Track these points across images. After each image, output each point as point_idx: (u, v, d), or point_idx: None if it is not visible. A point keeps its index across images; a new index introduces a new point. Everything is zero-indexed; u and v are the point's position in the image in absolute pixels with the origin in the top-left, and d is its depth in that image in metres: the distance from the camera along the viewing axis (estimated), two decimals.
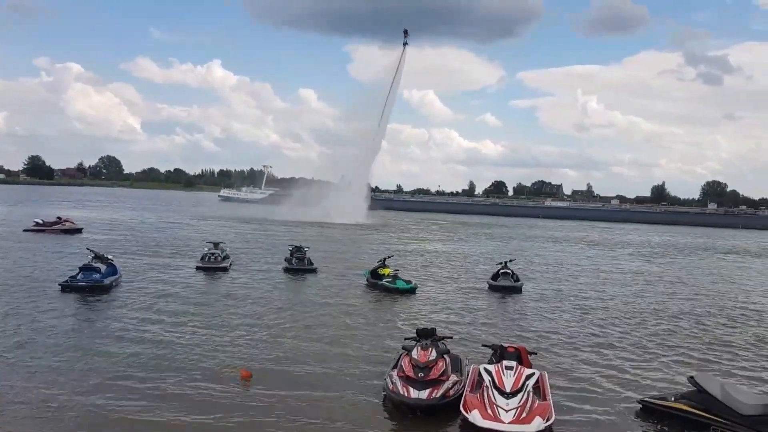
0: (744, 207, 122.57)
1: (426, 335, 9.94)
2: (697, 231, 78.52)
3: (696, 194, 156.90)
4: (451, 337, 11.09)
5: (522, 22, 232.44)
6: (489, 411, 8.30)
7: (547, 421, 8.17)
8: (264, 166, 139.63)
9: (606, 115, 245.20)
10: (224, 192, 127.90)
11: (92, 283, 16.77)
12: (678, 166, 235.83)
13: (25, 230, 35.05)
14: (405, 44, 69.59)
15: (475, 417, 8.22)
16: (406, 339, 10.39)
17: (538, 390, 9.00)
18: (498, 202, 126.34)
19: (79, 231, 36.07)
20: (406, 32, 69.98)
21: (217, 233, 38.06)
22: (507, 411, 8.25)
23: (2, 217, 46.03)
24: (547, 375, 9.80)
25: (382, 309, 17.07)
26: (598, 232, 67.30)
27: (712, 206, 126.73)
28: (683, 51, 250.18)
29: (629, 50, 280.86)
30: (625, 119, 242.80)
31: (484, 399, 8.53)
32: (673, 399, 9.19)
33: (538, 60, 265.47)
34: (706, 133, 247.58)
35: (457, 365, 9.94)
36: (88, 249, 19.97)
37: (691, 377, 9.28)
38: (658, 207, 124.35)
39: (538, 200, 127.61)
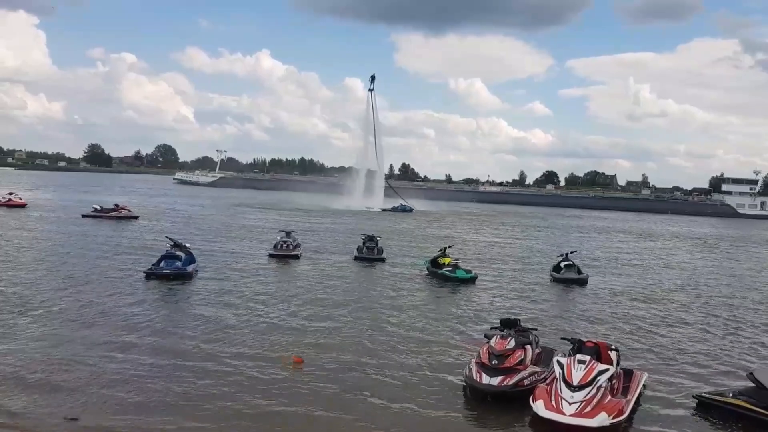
0: (678, 193, 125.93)
1: (509, 325, 10.21)
2: (633, 216, 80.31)
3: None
4: (536, 329, 11.00)
5: (570, 9, 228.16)
6: (553, 402, 8.42)
7: (614, 419, 8.23)
8: (217, 151, 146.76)
9: (659, 104, 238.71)
10: (179, 175, 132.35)
11: (176, 271, 17.81)
12: (736, 157, 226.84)
13: (84, 215, 36.78)
14: (371, 90, 68.64)
15: (538, 407, 8.43)
16: (491, 328, 10.64)
17: (627, 388, 9.24)
18: (435, 186, 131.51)
19: (135, 218, 37.50)
20: (372, 78, 68.97)
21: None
22: (570, 404, 8.33)
23: (61, 204, 48.40)
24: (644, 375, 9.99)
25: (444, 298, 17.79)
26: (528, 217, 67.19)
27: (645, 192, 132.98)
28: (740, 38, 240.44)
29: (683, 37, 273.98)
30: (679, 108, 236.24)
31: (551, 390, 8.69)
32: (731, 395, 9.18)
33: (587, 48, 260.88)
34: (766, 123, 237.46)
35: (547, 357, 10.06)
36: (167, 237, 21.10)
37: (751, 373, 9.25)
38: (591, 191, 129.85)
39: (475, 186, 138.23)
